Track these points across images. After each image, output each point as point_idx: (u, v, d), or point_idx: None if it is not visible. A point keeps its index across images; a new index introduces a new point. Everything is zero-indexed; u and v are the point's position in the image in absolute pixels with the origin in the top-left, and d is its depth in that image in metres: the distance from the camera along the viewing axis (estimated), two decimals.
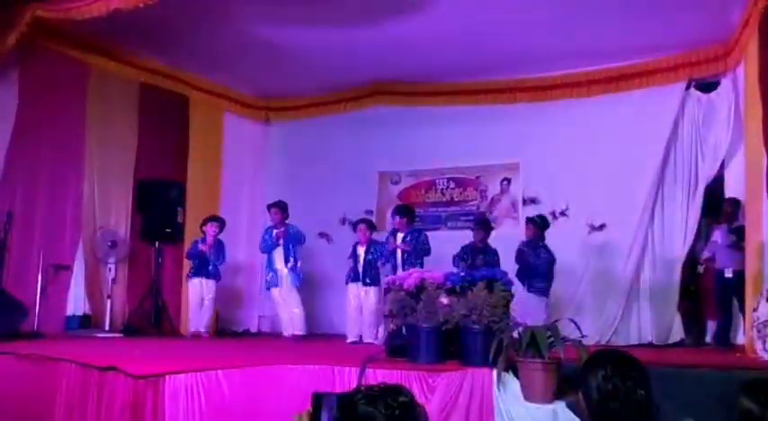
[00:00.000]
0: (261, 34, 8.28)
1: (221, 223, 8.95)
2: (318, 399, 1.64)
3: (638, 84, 8.88)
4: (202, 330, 8.71)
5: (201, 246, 8.75)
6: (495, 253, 8.22)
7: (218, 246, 8.89)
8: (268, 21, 7.96)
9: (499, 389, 4.41)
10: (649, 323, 8.58)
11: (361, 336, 8.23)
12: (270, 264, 8.69)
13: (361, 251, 8.44)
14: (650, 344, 8.34)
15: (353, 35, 8.25)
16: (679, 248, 8.53)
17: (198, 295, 8.75)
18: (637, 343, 8.40)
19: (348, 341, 8.20)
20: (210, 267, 8.80)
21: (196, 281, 8.77)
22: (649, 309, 8.62)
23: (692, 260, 8.47)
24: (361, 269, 8.38)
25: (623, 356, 2.46)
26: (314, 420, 1.60)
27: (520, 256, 8.05)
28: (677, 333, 8.38)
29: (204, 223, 8.91)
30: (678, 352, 7.51)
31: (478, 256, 8.05)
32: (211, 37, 8.39)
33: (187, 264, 9.39)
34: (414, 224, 8.53)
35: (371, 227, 8.66)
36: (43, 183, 8.21)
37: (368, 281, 8.33)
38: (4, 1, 6.84)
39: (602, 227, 8.90)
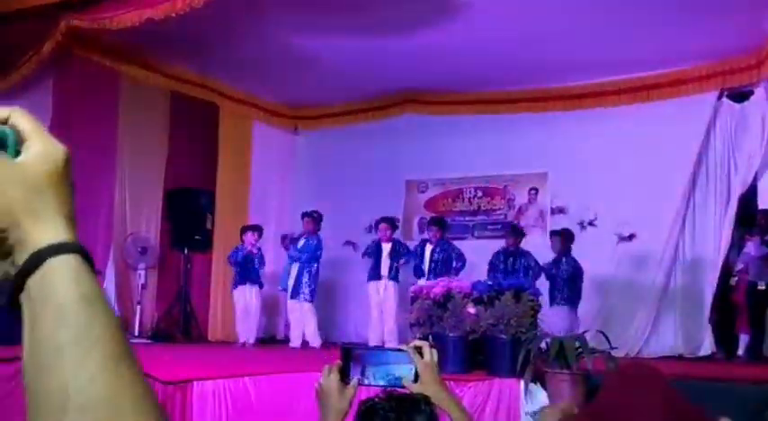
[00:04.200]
0: (290, 43, 8.35)
1: (260, 231, 8.94)
2: (347, 351, 1.64)
3: (668, 93, 8.79)
4: (251, 341, 8.67)
5: (243, 251, 8.68)
6: (528, 254, 8.13)
7: (259, 254, 8.88)
8: (298, 30, 8.03)
9: (526, 400, 4.39)
10: (680, 335, 8.46)
11: (384, 343, 8.18)
12: (287, 273, 8.80)
13: (385, 247, 8.48)
14: (680, 357, 8.22)
15: (382, 44, 8.28)
16: (711, 260, 8.41)
17: (243, 304, 8.71)
18: (667, 355, 8.28)
19: (371, 344, 8.18)
20: (253, 275, 8.74)
21: (241, 289, 8.73)
22: (680, 322, 8.51)
23: (724, 272, 8.34)
24: (383, 265, 8.43)
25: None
26: (343, 373, 1.61)
27: (547, 274, 8.02)
28: (708, 345, 8.24)
29: (243, 232, 8.88)
30: (709, 365, 7.40)
31: (510, 260, 8.01)
32: (242, 46, 8.47)
33: (217, 271, 9.48)
34: (444, 235, 8.58)
35: (393, 225, 8.70)
36: (75, 189, 8.33)
37: (390, 277, 8.41)
38: (40, 11, 6.97)
39: (631, 237, 8.81)
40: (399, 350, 1.64)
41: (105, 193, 8.66)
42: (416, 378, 1.58)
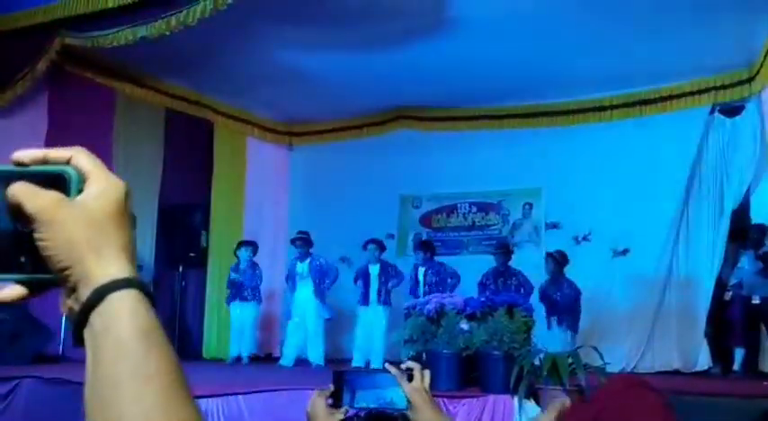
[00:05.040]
0: (284, 60, 8.38)
1: (254, 247, 8.97)
2: (339, 375, 1.63)
3: (661, 108, 8.84)
4: (244, 355, 8.69)
5: (234, 274, 8.78)
6: (519, 273, 8.16)
7: (253, 269, 8.87)
8: (291, 46, 8.07)
9: (520, 417, 4.37)
10: (675, 350, 8.45)
11: (368, 362, 8.15)
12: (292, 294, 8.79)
13: (373, 270, 8.47)
14: (677, 372, 8.21)
15: (376, 60, 8.32)
16: (705, 274, 8.42)
17: (238, 320, 8.74)
18: (662, 370, 8.27)
19: (353, 366, 8.09)
20: (246, 292, 8.75)
21: (235, 305, 8.77)
22: (675, 337, 8.50)
23: (718, 286, 8.34)
24: (373, 289, 8.41)
25: None
26: (336, 397, 1.60)
27: (543, 296, 7.98)
28: (704, 360, 8.23)
29: (238, 248, 8.93)
30: (704, 380, 7.39)
31: (500, 279, 8.03)
32: (235, 63, 8.51)
33: (211, 289, 9.47)
34: (434, 257, 8.56)
35: (381, 247, 8.70)
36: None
37: (380, 301, 8.37)
38: (34, 29, 7.00)
39: (625, 252, 8.82)
40: (387, 372, 1.63)
41: None
42: (408, 403, 1.56)
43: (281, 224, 10.65)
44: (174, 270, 9.39)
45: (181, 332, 9.14)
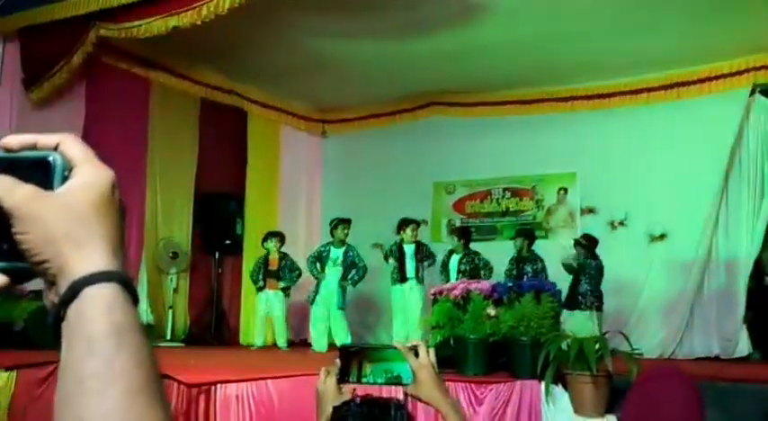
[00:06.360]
0: (317, 48, 8.41)
1: (280, 237, 8.98)
2: (346, 351, 1.65)
3: (699, 90, 8.64)
4: (282, 345, 8.75)
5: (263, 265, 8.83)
6: (540, 260, 8.12)
7: (286, 259, 8.90)
8: (324, 35, 8.08)
9: (548, 402, 4.35)
10: (714, 336, 8.30)
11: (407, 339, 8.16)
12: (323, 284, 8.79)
13: (409, 249, 8.44)
14: (716, 358, 8.07)
15: (409, 47, 8.28)
16: (744, 258, 8.23)
17: (263, 309, 8.79)
18: (702, 356, 8.13)
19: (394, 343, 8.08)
20: (281, 282, 8.78)
21: (261, 295, 8.82)
22: (715, 322, 8.34)
23: (758, 271, 8.16)
24: (410, 267, 8.39)
25: None
26: (342, 373, 1.61)
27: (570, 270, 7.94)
28: (744, 346, 8.07)
29: (265, 239, 8.95)
30: (743, 366, 7.25)
31: (520, 265, 7.98)
32: (269, 52, 8.56)
33: (247, 275, 9.57)
34: (470, 244, 8.51)
35: (418, 226, 8.68)
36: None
37: (418, 279, 8.36)
38: (70, 22, 7.13)
39: (662, 237, 8.67)
40: (394, 348, 1.64)
41: (137, 200, 8.79)
42: (413, 378, 1.57)
43: (315, 212, 10.71)
44: (211, 257, 9.53)
45: (217, 318, 9.29)
